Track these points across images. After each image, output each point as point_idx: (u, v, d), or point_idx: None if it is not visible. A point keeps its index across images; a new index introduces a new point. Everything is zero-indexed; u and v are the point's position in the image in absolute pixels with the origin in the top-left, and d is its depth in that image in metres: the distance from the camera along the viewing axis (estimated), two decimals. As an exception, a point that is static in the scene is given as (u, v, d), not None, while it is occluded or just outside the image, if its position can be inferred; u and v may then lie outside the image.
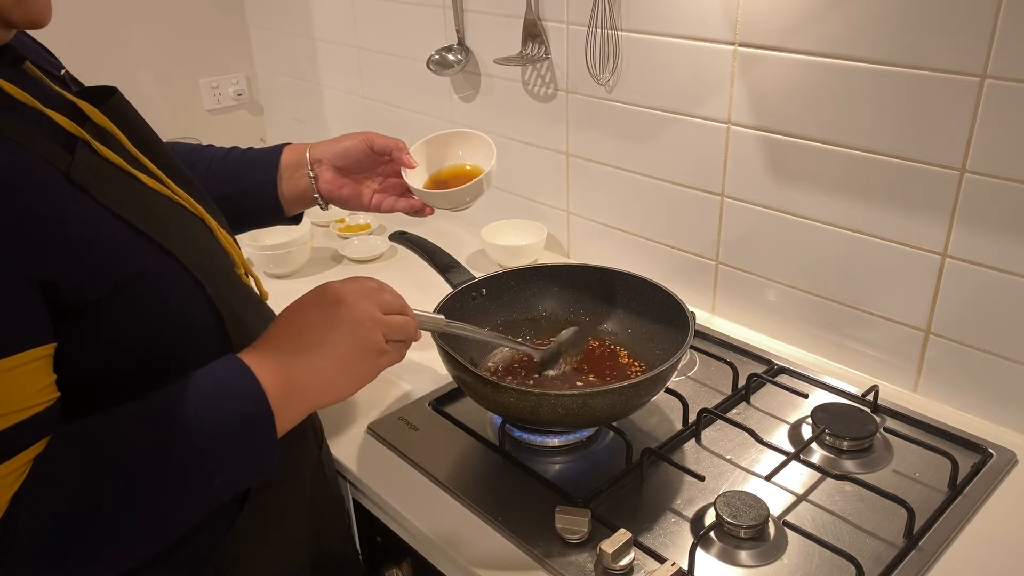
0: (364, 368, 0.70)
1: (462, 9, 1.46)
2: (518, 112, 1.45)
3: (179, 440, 0.59)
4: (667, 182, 1.25)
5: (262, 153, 1.02)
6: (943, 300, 1.00)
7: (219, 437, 0.61)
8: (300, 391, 0.66)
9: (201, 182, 0.98)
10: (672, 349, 0.95)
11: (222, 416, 0.61)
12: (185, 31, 1.96)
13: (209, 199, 0.81)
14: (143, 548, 0.61)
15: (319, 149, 1.00)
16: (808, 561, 0.80)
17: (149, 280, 0.63)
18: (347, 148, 1.00)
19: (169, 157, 0.77)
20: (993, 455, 0.94)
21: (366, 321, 0.70)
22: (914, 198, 0.98)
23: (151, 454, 0.58)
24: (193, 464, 0.60)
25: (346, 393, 0.70)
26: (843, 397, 1.06)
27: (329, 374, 0.68)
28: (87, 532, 0.56)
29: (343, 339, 0.68)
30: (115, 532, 0.58)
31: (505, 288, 1.10)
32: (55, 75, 0.73)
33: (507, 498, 0.90)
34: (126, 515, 0.58)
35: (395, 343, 0.73)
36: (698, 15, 1.11)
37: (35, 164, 0.58)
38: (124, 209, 0.63)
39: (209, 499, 0.62)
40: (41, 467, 0.56)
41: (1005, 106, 0.88)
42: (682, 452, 0.97)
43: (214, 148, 1.05)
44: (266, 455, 0.64)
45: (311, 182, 1.00)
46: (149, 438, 0.59)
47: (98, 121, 0.68)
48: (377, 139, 1.00)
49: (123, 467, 0.58)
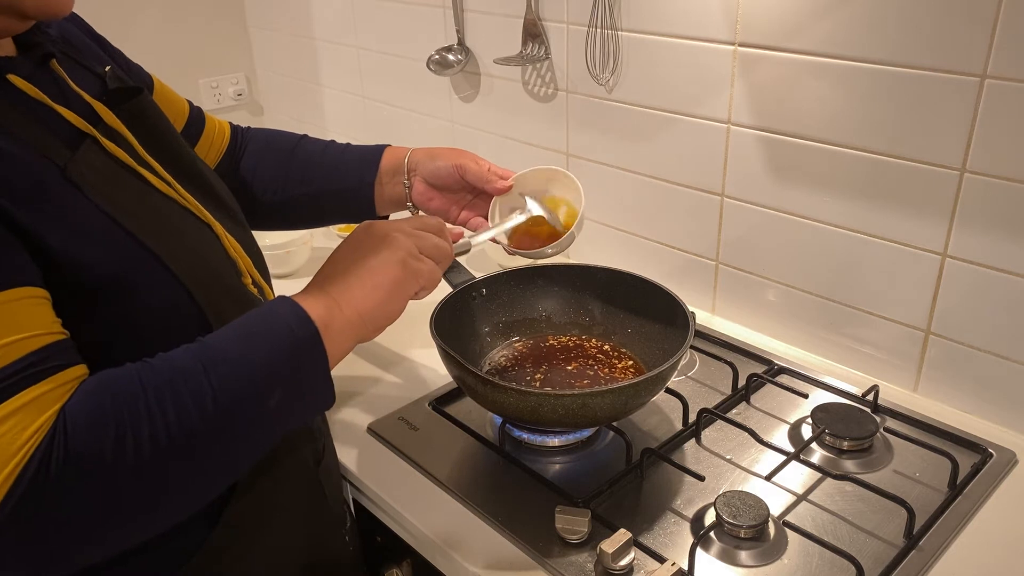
0: (397, 274, 0.73)
1: (462, 9, 1.46)
2: (518, 112, 1.45)
3: (224, 355, 0.60)
4: (667, 182, 1.25)
5: (363, 153, 1.05)
6: (943, 300, 1.00)
7: (270, 351, 0.62)
8: (341, 306, 0.68)
9: (295, 171, 1.02)
10: (672, 349, 0.95)
11: (269, 333, 0.63)
12: (185, 31, 1.96)
13: (230, 206, 0.81)
14: (201, 479, 0.60)
15: (417, 159, 1.02)
16: (808, 561, 0.80)
17: (132, 282, 0.63)
18: (439, 169, 1.01)
19: (187, 162, 0.77)
20: (993, 455, 0.94)
21: (398, 235, 0.75)
22: (914, 198, 0.98)
23: (196, 371, 0.58)
24: (246, 382, 0.60)
25: (388, 303, 0.72)
26: (843, 397, 1.06)
27: (366, 286, 0.71)
28: (133, 454, 0.55)
29: (377, 254, 0.73)
30: (165, 447, 0.56)
31: (505, 288, 1.10)
32: (93, 71, 0.74)
33: (507, 498, 0.90)
34: (178, 432, 0.56)
35: (428, 257, 0.77)
36: (698, 15, 1.11)
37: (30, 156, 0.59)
38: (118, 210, 0.63)
39: (269, 422, 0.63)
40: (87, 387, 0.56)
41: (1005, 106, 0.88)
42: (682, 452, 0.97)
43: (310, 139, 1.07)
44: (319, 369, 0.65)
45: (406, 191, 1.02)
46: (196, 363, 0.59)
47: (109, 122, 0.68)
48: (470, 168, 1.00)
49: (172, 392, 0.57)
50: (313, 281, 0.72)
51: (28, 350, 0.54)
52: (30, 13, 0.62)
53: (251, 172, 1.04)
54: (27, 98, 0.63)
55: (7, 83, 0.62)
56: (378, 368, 1.18)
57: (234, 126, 1.07)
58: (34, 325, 0.55)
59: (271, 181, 1.04)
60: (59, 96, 0.66)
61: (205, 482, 0.61)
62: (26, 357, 0.54)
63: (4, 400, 0.52)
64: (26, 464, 0.51)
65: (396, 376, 1.15)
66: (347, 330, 0.69)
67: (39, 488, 0.52)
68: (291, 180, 1.04)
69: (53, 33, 0.72)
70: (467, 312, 1.06)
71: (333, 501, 0.90)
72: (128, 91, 0.74)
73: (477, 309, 1.08)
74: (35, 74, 0.65)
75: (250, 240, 0.82)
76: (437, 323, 0.95)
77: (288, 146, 1.06)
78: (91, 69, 0.74)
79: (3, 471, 0.51)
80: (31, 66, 0.66)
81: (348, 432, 1.03)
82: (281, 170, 1.04)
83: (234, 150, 1.05)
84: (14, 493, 0.51)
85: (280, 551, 0.79)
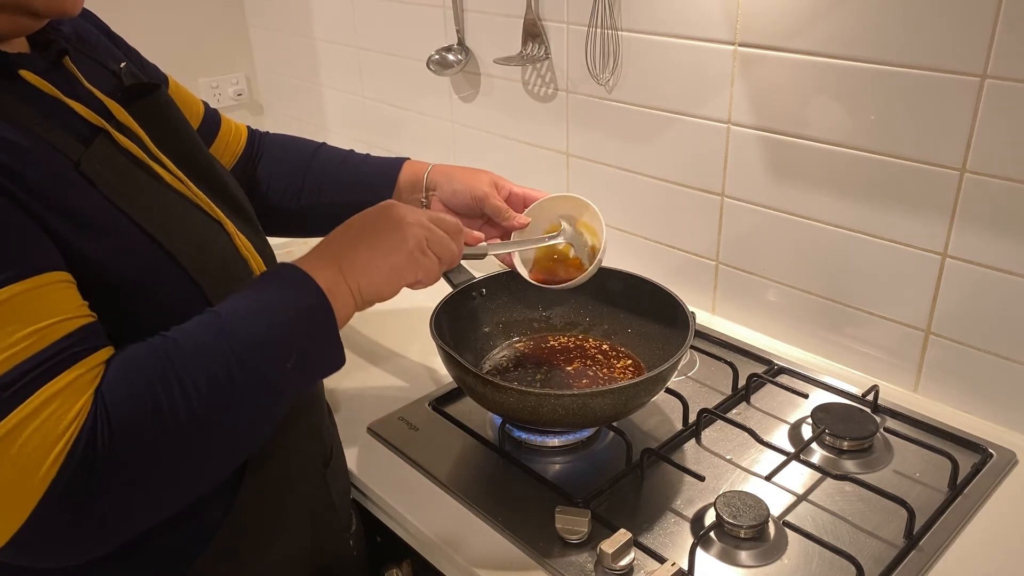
0: (400, 260, 0.74)
1: (462, 9, 1.46)
2: (518, 112, 1.45)
3: (241, 324, 0.62)
4: (667, 182, 1.25)
5: (382, 167, 1.04)
6: (943, 300, 1.00)
7: (283, 318, 0.64)
8: (345, 277, 0.70)
9: (311, 181, 1.02)
10: (672, 349, 0.95)
11: (281, 300, 0.65)
12: (185, 31, 1.96)
13: (243, 207, 0.82)
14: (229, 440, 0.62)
15: (435, 179, 1.01)
16: (808, 561, 0.80)
17: (142, 278, 0.63)
18: (456, 194, 1.00)
19: (201, 160, 0.78)
20: (993, 455, 0.94)
21: (413, 224, 0.75)
22: (914, 198, 0.98)
23: (217, 340, 0.60)
24: (264, 348, 0.62)
25: (384, 283, 0.73)
26: (843, 397, 1.06)
27: (370, 264, 0.72)
28: (171, 422, 0.57)
29: (388, 237, 0.74)
30: (197, 417, 0.58)
31: (505, 288, 1.10)
32: (107, 68, 0.74)
33: (507, 498, 0.90)
34: (205, 400, 0.59)
35: (435, 254, 0.77)
36: (698, 15, 1.11)
37: (44, 151, 0.60)
38: (131, 205, 0.64)
39: (289, 382, 0.65)
40: (117, 364, 0.58)
41: (1005, 106, 0.88)
42: (682, 452, 0.97)
43: (329, 148, 1.07)
44: (330, 333, 0.67)
45: (423, 208, 1.02)
46: (216, 334, 0.61)
47: (121, 119, 0.68)
48: (488, 202, 0.98)
49: (197, 363, 0.59)
50: (322, 245, 0.73)
51: (62, 334, 0.55)
52: (41, 12, 0.63)
53: (267, 178, 1.04)
54: (40, 94, 0.63)
55: (21, 79, 0.63)
56: (378, 368, 1.18)
57: (251, 130, 1.07)
58: (65, 309, 0.56)
59: (287, 189, 1.04)
60: (71, 93, 0.66)
61: (237, 441, 0.64)
62: (60, 341, 0.55)
63: (45, 383, 0.53)
64: (74, 444, 0.53)
65: (396, 376, 1.15)
66: (347, 299, 0.70)
67: (89, 466, 0.53)
68: (307, 190, 1.03)
69: (66, 31, 0.72)
70: (467, 312, 1.06)
71: (340, 504, 0.90)
72: (145, 87, 0.75)
73: (477, 309, 1.08)
74: (48, 71, 0.66)
75: (262, 241, 0.82)
76: (437, 323, 0.95)
77: (306, 155, 1.05)
78: (105, 66, 0.75)
79: (52, 453, 0.52)
80: (45, 63, 0.66)
81: (348, 432, 1.03)
82: (297, 179, 1.04)
83: (251, 154, 1.04)
84: (64, 474, 0.52)
85: (286, 552, 0.79)
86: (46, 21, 0.67)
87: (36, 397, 0.53)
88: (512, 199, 1.00)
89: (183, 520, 0.66)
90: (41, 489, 0.52)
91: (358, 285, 0.71)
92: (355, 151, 1.08)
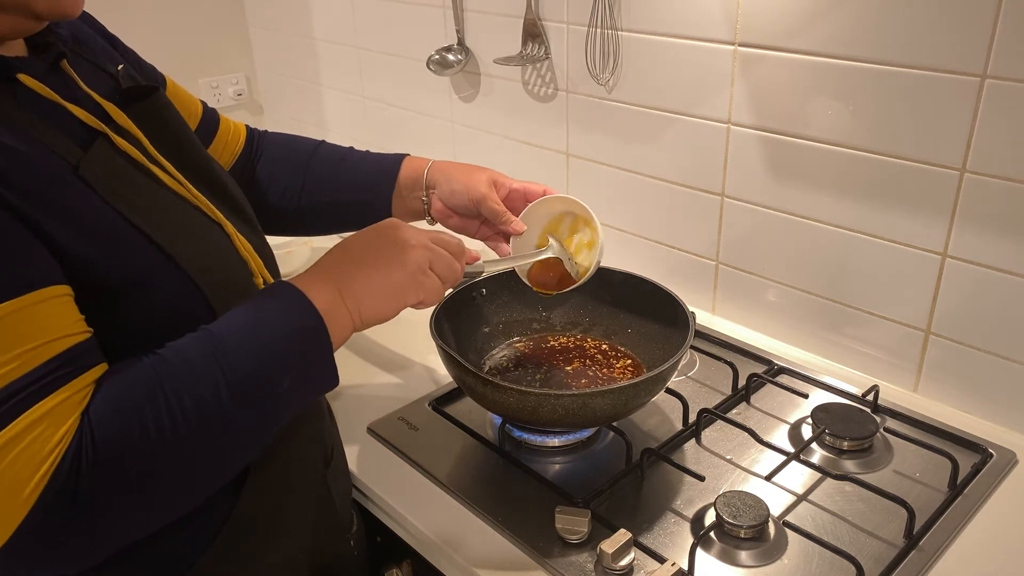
0: (402, 282, 0.73)
1: (462, 9, 1.46)
2: (518, 112, 1.45)
3: (234, 345, 0.61)
4: (667, 182, 1.25)
5: (381, 164, 1.04)
6: (943, 300, 1.00)
7: (279, 341, 0.64)
8: (344, 298, 0.69)
9: (311, 179, 1.02)
10: (672, 349, 0.95)
11: (276, 322, 0.65)
12: (185, 31, 1.96)
13: (242, 208, 0.81)
14: (217, 461, 0.62)
15: (434, 177, 1.00)
16: (808, 561, 0.80)
17: (143, 281, 0.63)
18: (455, 193, 0.99)
19: (200, 162, 0.77)
20: (993, 455, 0.94)
21: (416, 246, 0.74)
22: (914, 198, 0.98)
23: (208, 362, 0.60)
24: (257, 371, 0.62)
25: (384, 305, 0.72)
26: (843, 397, 1.06)
27: (370, 285, 0.71)
28: (157, 444, 0.57)
29: (390, 258, 0.73)
30: (185, 437, 0.58)
31: (505, 288, 1.10)
32: (105, 70, 0.74)
33: (507, 498, 0.90)
34: (194, 419, 0.59)
35: (437, 275, 0.76)
36: (698, 15, 1.11)
37: (42, 155, 0.59)
38: (130, 209, 0.63)
39: (281, 405, 0.65)
40: (106, 386, 0.57)
41: (1005, 106, 0.88)
42: (682, 452, 0.97)
43: (328, 146, 1.06)
44: (325, 356, 0.67)
45: (424, 206, 1.02)
46: (208, 355, 0.60)
47: (120, 122, 0.68)
48: (486, 204, 0.97)
49: (188, 384, 0.59)
50: (321, 265, 0.73)
51: (50, 355, 0.55)
52: (42, 14, 0.62)
53: (267, 177, 1.04)
54: (39, 98, 0.63)
55: (18, 83, 0.63)
56: (378, 368, 1.18)
57: (250, 129, 1.06)
58: (56, 327, 0.56)
59: (287, 188, 1.03)
60: (70, 96, 0.66)
61: (226, 462, 0.64)
62: (48, 363, 0.55)
63: (31, 407, 0.53)
64: (58, 467, 0.53)
65: (396, 376, 1.15)
66: (345, 320, 0.70)
67: (73, 488, 0.53)
68: (307, 188, 1.03)
69: (64, 33, 0.72)
70: (467, 312, 1.06)
71: (340, 504, 0.89)
72: (143, 90, 0.74)
73: (477, 309, 1.08)
74: (46, 74, 0.66)
75: (261, 242, 0.82)
76: (437, 323, 0.95)
77: (305, 153, 1.05)
78: (103, 68, 0.74)
79: (34, 477, 0.52)
80: (42, 66, 0.66)
81: (348, 432, 1.02)
82: (297, 178, 1.03)
83: (250, 153, 1.04)
84: (47, 496, 0.53)
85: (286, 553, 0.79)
86: (46, 23, 0.67)
87: (21, 420, 0.53)
88: (512, 195, 1.00)
89: (184, 522, 0.66)
90: (25, 509, 0.52)
91: (358, 307, 0.70)
92: (354, 148, 1.07)
